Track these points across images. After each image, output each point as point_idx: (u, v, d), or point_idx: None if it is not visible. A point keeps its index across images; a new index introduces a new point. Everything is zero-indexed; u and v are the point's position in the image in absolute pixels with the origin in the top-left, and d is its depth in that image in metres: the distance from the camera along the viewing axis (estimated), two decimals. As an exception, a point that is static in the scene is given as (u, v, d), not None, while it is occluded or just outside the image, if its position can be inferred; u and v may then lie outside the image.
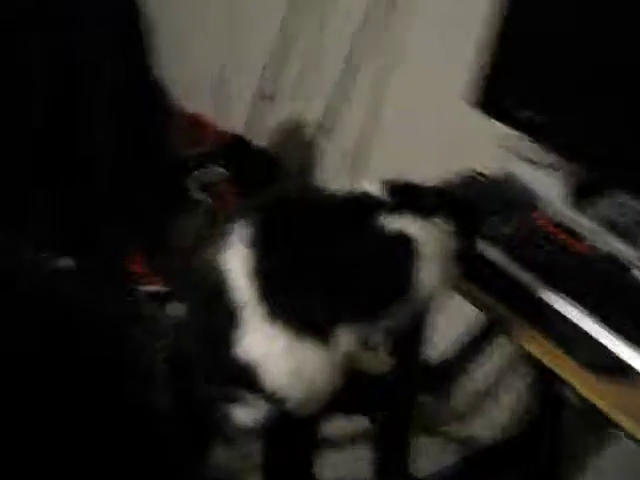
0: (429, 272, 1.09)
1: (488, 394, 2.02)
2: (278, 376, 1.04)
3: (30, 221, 1.61)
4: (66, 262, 1.64)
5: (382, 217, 1.08)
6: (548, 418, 1.76)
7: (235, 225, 1.06)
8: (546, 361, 1.21)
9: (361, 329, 1.09)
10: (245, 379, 1.04)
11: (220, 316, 1.04)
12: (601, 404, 1.13)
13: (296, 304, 1.04)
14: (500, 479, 1.88)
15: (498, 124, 1.51)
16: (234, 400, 1.07)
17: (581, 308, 1.24)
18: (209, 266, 1.06)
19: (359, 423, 1.70)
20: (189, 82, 2.74)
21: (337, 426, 1.47)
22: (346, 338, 1.07)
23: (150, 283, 2.05)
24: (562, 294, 1.26)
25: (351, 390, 1.10)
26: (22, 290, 1.01)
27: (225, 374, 1.06)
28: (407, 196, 1.12)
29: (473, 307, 1.34)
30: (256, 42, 2.48)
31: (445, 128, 1.90)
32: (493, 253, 1.34)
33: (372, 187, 1.13)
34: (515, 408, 1.91)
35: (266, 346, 1.03)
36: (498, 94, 1.51)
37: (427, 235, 1.08)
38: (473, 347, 1.94)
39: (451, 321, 1.67)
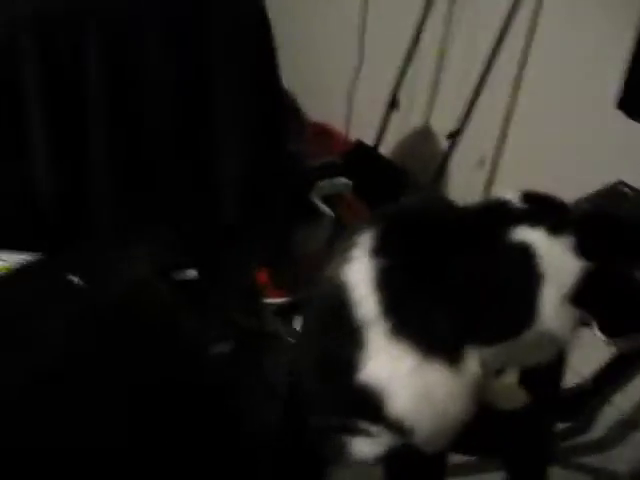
0: (550, 296, 0.97)
1: (632, 424, 1.86)
2: (404, 400, 0.95)
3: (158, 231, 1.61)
4: (191, 274, 1.64)
5: (514, 229, 0.98)
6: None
7: (359, 236, 0.99)
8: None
9: (489, 353, 0.99)
10: (368, 407, 0.96)
11: (341, 337, 0.97)
12: None
13: (423, 320, 0.95)
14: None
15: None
16: (354, 431, 1.00)
17: None
18: (330, 281, 1.00)
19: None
20: (319, 91, 2.74)
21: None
22: (475, 361, 0.97)
23: (275, 296, 2.04)
24: None
25: (481, 426, 1.00)
26: (142, 318, 1.01)
27: (345, 402, 0.99)
28: (543, 208, 1.02)
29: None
30: (387, 51, 2.43)
31: (590, 135, 1.79)
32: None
33: (508, 197, 1.03)
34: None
35: (391, 367, 0.94)
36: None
37: (552, 255, 0.97)
38: (617, 372, 1.80)
39: (593, 343, 1.55)
